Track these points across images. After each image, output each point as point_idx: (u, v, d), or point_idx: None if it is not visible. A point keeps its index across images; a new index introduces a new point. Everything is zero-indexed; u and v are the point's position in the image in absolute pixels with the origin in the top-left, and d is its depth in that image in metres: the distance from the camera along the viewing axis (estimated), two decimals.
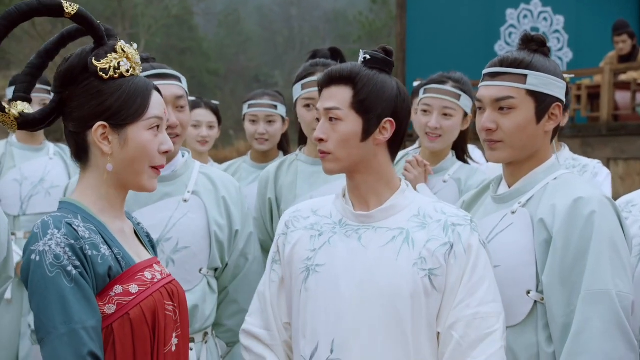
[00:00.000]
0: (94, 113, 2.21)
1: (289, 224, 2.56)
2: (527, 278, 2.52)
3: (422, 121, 3.82)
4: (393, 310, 2.35)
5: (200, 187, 3.14)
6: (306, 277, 2.44)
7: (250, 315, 2.60)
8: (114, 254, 2.19)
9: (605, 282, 2.39)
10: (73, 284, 2.06)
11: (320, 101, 2.45)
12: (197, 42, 32.91)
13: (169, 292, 2.26)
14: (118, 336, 2.13)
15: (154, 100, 2.27)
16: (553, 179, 2.62)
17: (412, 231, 2.41)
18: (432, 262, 2.37)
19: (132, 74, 2.26)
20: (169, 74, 3.15)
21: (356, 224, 2.45)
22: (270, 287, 2.56)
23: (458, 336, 2.34)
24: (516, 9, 13.83)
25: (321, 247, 2.45)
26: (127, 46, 2.28)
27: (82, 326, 2.04)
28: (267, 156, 4.73)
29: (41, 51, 2.32)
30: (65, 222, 2.13)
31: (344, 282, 2.39)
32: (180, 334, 2.30)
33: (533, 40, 2.66)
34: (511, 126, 2.58)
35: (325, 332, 2.38)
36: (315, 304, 2.41)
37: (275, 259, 2.57)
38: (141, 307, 2.16)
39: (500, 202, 2.69)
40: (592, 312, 2.38)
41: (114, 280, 2.16)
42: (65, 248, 2.08)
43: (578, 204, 2.47)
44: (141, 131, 2.24)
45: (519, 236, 2.56)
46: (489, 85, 2.63)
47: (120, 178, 2.27)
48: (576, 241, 2.44)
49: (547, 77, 2.59)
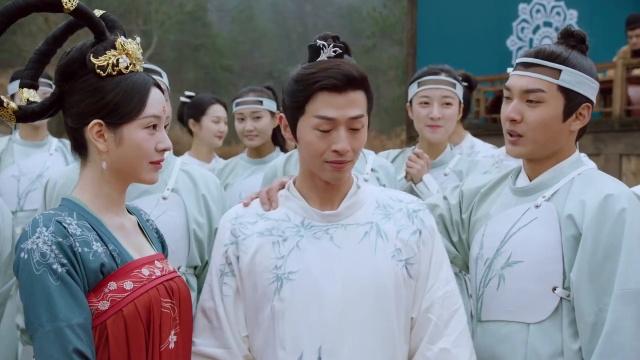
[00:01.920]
0: (90, 110, 2.20)
1: (236, 232, 2.41)
2: (553, 274, 2.47)
3: (422, 113, 3.82)
4: (379, 306, 2.33)
5: (180, 185, 3.13)
6: (279, 287, 2.32)
7: (199, 335, 2.40)
8: (109, 250, 2.18)
9: (637, 280, 2.35)
10: (59, 282, 2.07)
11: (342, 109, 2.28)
12: (211, 38, 32.96)
13: (167, 289, 2.25)
14: (111, 333, 2.12)
15: (152, 98, 2.25)
16: (578, 174, 2.58)
17: (381, 223, 2.40)
18: (406, 252, 2.38)
19: (132, 70, 2.24)
20: (151, 68, 3.16)
21: (323, 224, 2.37)
22: (224, 301, 2.38)
23: (435, 318, 2.38)
24: (528, 4, 13.74)
25: (290, 254, 2.34)
26: (128, 42, 2.25)
27: (67, 324, 2.05)
28: (261, 152, 4.73)
29: (49, 38, 2.31)
30: (55, 220, 2.13)
31: (326, 286, 2.31)
32: (180, 332, 2.28)
33: (572, 36, 2.60)
34: (536, 120, 2.53)
35: (309, 340, 2.29)
36: (294, 313, 2.31)
37: (224, 271, 2.40)
38: (135, 304, 2.15)
39: (521, 195, 2.63)
40: (625, 312, 2.34)
41: (108, 276, 2.15)
42: (52, 246, 2.08)
43: (608, 201, 2.42)
44: (137, 130, 2.22)
45: (545, 231, 2.50)
46: (520, 75, 2.58)
47: (118, 174, 2.26)
48: (607, 238, 2.40)
49: (581, 75, 2.54)
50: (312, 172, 2.36)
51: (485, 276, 2.61)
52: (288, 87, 2.31)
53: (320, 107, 2.24)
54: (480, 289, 2.63)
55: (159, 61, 28.41)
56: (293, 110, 2.31)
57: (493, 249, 2.60)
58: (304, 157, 2.35)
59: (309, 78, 2.24)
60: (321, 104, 2.24)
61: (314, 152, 2.29)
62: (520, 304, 2.52)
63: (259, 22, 35.49)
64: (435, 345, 2.37)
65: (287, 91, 2.32)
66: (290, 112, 2.33)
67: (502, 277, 2.56)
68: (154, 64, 3.25)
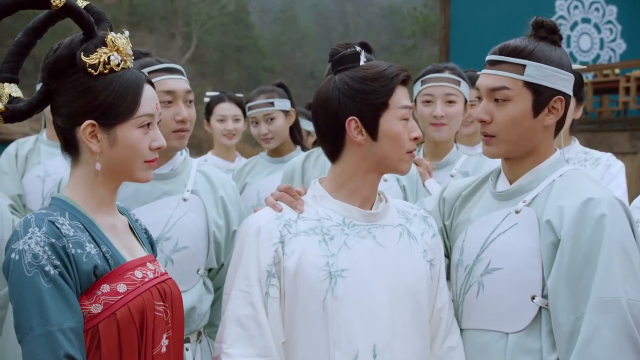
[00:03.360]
0: (82, 110, 2.15)
1: (283, 230, 2.36)
2: (533, 282, 2.40)
3: (425, 112, 3.74)
4: (417, 304, 2.41)
5: (199, 186, 3.10)
6: (332, 284, 2.31)
7: (232, 345, 2.29)
8: (102, 252, 2.15)
9: (615, 289, 2.26)
10: (51, 285, 2.03)
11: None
12: (253, 39, 33.01)
13: (160, 292, 2.22)
14: (104, 336, 2.09)
15: (146, 96, 2.21)
16: (559, 175, 2.49)
17: (407, 226, 2.47)
18: (430, 254, 2.49)
19: (123, 67, 2.19)
20: (176, 68, 3.12)
21: (364, 223, 2.40)
22: (268, 306, 2.30)
23: (446, 317, 2.51)
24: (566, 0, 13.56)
25: (339, 251, 2.34)
26: (118, 37, 2.20)
27: (59, 328, 2.01)
28: (281, 151, 4.68)
29: (28, 29, 2.24)
30: (48, 220, 2.09)
31: (376, 284, 2.34)
32: (172, 335, 2.24)
33: (543, 27, 2.51)
34: (505, 119, 2.46)
35: (364, 338, 2.31)
36: (349, 310, 2.31)
37: (271, 272, 2.32)
38: (129, 307, 2.12)
39: (501, 200, 2.55)
40: (601, 321, 2.25)
41: (101, 279, 2.12)
42: (44, 247, 2.04)
43: (588, 206, 2.34)
44: (131, 130, 2.18)
45: (524, 238, 2.43)
46: (486, 74, 2.52)
47: (111, 174, 2.22)
48: (585, 245, 2.31)
49: (548, 68, 2.45)
50: (368, 172, 2.41)
51: (466, 283, 2.55)
52: (361, 87, 2.35)
53: (402, 99, 2.37)
54: (461, 296, 2.57)
55: (201, 62, 28.52)
56: (374, 107, 2.35)
57: (473, 255, 2.53)
58: (386, 152, 2.38)
59: (386, 74, 2.36)
60: (401, 96, 2.38)
61: (402, 143, 2.38)
62: (499, 312, 2.45)
63: (301, 22, 35.46)
64: (444, 344, 2.50)
65: (362, 90, 2.35)
66: (370, 111, 2.36)
67: (481, 285, 2.49)
68: (196, 65, 3.24)
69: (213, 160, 5.46)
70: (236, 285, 2.34)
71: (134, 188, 2.98)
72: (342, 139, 2.40)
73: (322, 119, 2.41)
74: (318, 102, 2.43)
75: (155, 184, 3.00)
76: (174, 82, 3.05)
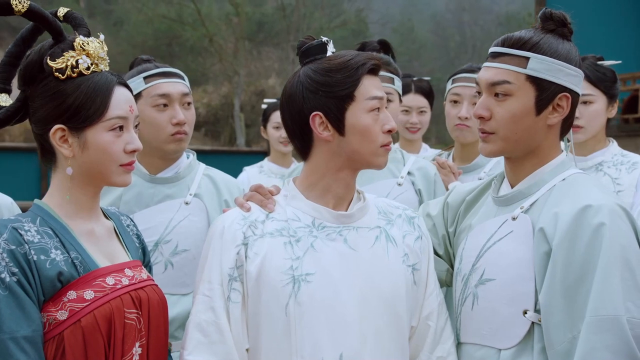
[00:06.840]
0: (52, 115, 2.15)
1: (247, 232, 2.25)
2: (525, 296, 2.21)
3: (452, 113, 3.59)
4: (393, 310, 2.26)
5: (202, 190, 3.10)
6: (295, 289, 2.19)
7: (192, 352, 2.19)
8: (71, 258, 2.11)
9: (614, 306, 2.05)
10: (7, 292, 2.01)
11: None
12: None
13: (133, 299, 2.16)
14: (68, 344, 2.05)
15: (116, 98, 2.17)
16: (561, 180, 2.29)
17: (387, 228, 2.33)
18: (413, 258, 2.34)
19: (95, 70, 2.17)
20: (173, 72, 3.12)
21: (335, 225, 2.27)
22: (230, 311, 2.20)
23: (434, 325, 2.36)
24: None
25: (305, 254, 2.22)
26: (89, 41, 2.18)
27: (11, 336, 1.98)
28: None
29: (18, 39, 2.25)
30: (12, 226, 2.07)
31: (344, 290, 2.20)
32: (146, 344, 2.19)
33: (552, 19, 2.34)
34: (505, 115, 2.28)
35: (331, 346, 2.18)
36: (313, 317, 2.18)
37: (233, 275, 2.22)
38: (95, 314, 2.08)
39: (501, 205, 2.37)
40: (598, 341, 2.04)
41: (68, 285, 2.08)
42: (2, 254, 2.03)
43: (585, 213, 2.12)
44: (101, 133, 2.15)
45: (518, 247, 2.24)
46: (487, 67, 2.34)
47: (87, 178, 2.20)
48: (581, 257, 2.10)
49: (554, 62, 2.26)
50: (340, 169, 2.28)
51: (463, 293, 2.37)
52: (323, 79, 2.23)
53: (370, 89, 2.24)
54: (459, 308, 2.40)
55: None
56: (338, 100, 2.22)
57: (469, 264, 2.36)
58: (356, 147, 2.25)
59: (350, 64, 2.23)
60: (369, 86, 2.24)
61: (372, 137, 2.24)
62: (492, 327, 2.26)
63: (419, 33, 35.48)
64: (433, 354, 2.36)
65: (325, 83, 2.23)
66: (334, 105, 2.23)
67: (475, 296, 2.31)
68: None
69: (269, 166, 5.48)
70: (200, 289, 2.26)
71: (136, 192, 3.02)
72: (309, 136, 2.28)
73: (288, 115, 2.30)
74: (283, 98, 2.32)
75: (158, 187, 3.05)
76: (169, 86, 3.04)
